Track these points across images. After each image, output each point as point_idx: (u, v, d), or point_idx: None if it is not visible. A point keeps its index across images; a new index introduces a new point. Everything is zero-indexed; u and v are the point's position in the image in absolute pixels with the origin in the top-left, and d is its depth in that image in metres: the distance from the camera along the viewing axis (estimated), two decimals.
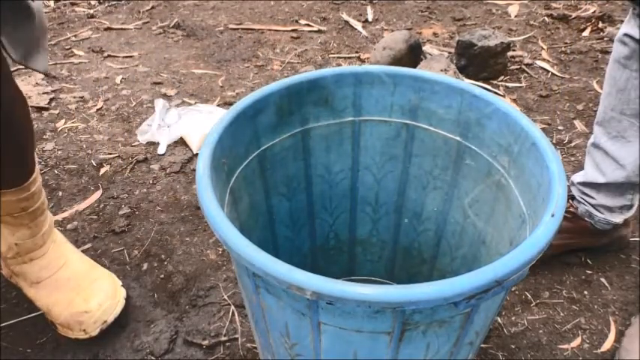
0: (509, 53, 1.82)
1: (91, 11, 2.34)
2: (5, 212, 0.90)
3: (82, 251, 1.10)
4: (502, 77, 1.78)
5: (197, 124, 1.50)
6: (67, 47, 2.03)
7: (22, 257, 0.97)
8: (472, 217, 0.82)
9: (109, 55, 1.97)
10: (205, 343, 0.97)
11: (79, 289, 0.97)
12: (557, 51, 1.92)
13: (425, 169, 0.86)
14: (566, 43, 1.97)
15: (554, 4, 2.25)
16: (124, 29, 2.17)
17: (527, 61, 1.86)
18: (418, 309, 0.51)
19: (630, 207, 1.05)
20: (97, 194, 1.32)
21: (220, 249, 1.17)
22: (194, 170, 1.37)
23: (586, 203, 1.06)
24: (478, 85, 1.58)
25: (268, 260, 0.51)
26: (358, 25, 2.14)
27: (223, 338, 0.98)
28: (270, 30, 2.14)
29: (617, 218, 1.05)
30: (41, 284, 0.98)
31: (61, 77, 1.83)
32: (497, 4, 2.27)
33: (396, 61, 1.71)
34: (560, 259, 1.12)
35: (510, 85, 1.74)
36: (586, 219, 1.07)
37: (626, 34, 0.91)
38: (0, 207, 0.89)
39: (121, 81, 1.81)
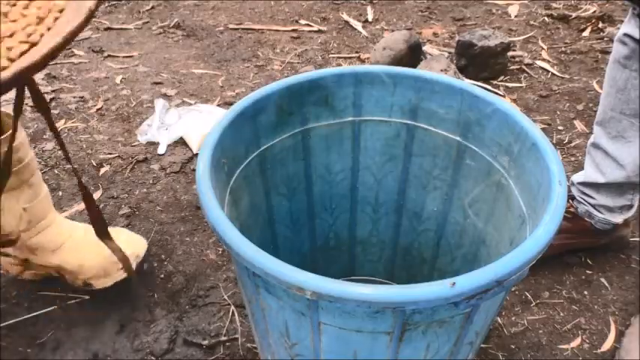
0: (509, 53, 1.82)
1: None
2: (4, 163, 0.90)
3: None
4: (502, 77, 1.78)
5: (197, 124, 1.50)
6: (67, 47, 2.03)
7: (36, 227, 0.98)
8: (472, 217, 0.82)
9: (109, 55, 1.97)
10: (205, 343, 0.97)
11: (116, 232, 1.02)
12: (557, 51, 1.92)
13: (425, 169, 0.86)
14: (566, 43, 1.97)
15: (554, 4, 2.25)
16: (124, 29, 2.17)
17: (527, 61, 1.86)
18: (418, 309, 0.51)
19: (630, 207, 1.05)
20: (97, 194, 1.32)
21: (220, 249, 1.17)
22: (194, 170, 1.37)
23: (586, 203, 1.06)
24: (478, 85, 1.58)
25: (268, 260, 0.51)
26: (358, 25, 2.14)
27: (223, 338, 0.98)
28: (270, 30, 2.14)
29: (617, 218, 1.05)
30: (62, 248, 1.01)
31: (61, 77, 1.83)
32: (497, 4, 2.27)
33: (396, 61, 1.71)
34: (560, 259, 1.12)
35: (510, 85, 1.74)
36: (586, 219, 1.07)
37: (626, 34, 0.91)
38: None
39: (121, 81, 1.81)
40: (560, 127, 1.54)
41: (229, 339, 0.98)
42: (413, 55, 1.75)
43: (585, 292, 1.07)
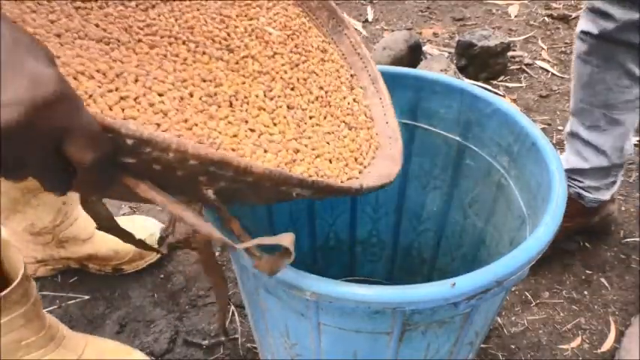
0: (509, 53, 1.82)
1: None
2: None
3: None
4: (502, 77, 1.78)
5: None
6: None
7: (69, 219, 0.99)
8: (472, 217, 0.82)
9: None
10: (205, 343, 0.97)
11: (129, 221, 1.06)
12: (557, 51, 1.92)
13: (425, 169, 0.85)
14: (566, 43, 1.96)
15: (554, 4, 2.25)
16: None
17: (527, 61, 1.86)
18: (418, 309, 0.51)
19: (615, 182, 1.09)
20: None
21: (220, 249, 1.17)
22: None
23: (575, 186, 1.09)
24: (478, 85, 1.58)
25: None
26: (358, 25, 2.14)
27: (223, 338, 0.98)
28: None
29: (606, 195, 1.09)
30: (94, 236, 1.03)
31: None
32: (497, 4, 2.27)
33: (396, 61, 1.71)
34: (560, 259, 1.13)
35: (510, 85, 1.74)
36: (578, 201, 1.09)
37: (582, 32, 0.93)
38: None
39: None
40: (560, 127, 1.54)
41: (229, 339, 0.98)
42: (413, 55, 1.75)
43: (585, 292, 1.07)
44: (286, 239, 0.44)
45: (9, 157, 0.32)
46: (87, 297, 1.05)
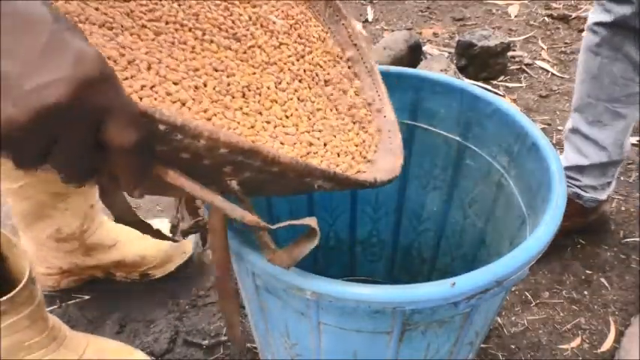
0: (509, 53, 1.82)
1: None
2: None
3: None
4: (502, 77, 1.78)
5: None
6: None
7: (95, 223, 0.97)
8: (472, 217, 0.82)
9: None
10: (205, 343, 0.97)
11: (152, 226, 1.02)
12: (557, 51, 1.92)
13: (425, 168, 0.85)
14: (566, 43, 1.96)
15: (554, 4, 2.25)
16: None
17: (527, 61, 1.86)
18: (418, 309, 0.51)
19: (610, 183, 1.11)
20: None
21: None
22: None
23: (573, 186, 1.10)
24: (478, 85, 1.58)
25: None
26: (358, 26, 2.14)
27: (223, 338, 0.98)
28: None
29: (603, 195, 1.11)
30: (120, 242, 1.00)
31: None
32: (497, 4, 2.27)
33: (396, 61, 1.71)
34: (560, 259, 1.13)
35: (510, 85, 1.74)
36: (576, 200, 1.10)
37: (595, 23, 0.96)
38: None
39: None
40: (560, 127, 1.54)
41: (229, 339, 0.98)
42: (413, 55, 1.75)
43: (585, 292, 1.07)
44: (312, 221, 0.45)
45: (41, 140, 0.31)
46: (87, 297, 1.05)
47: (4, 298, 0.71)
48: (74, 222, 0.93)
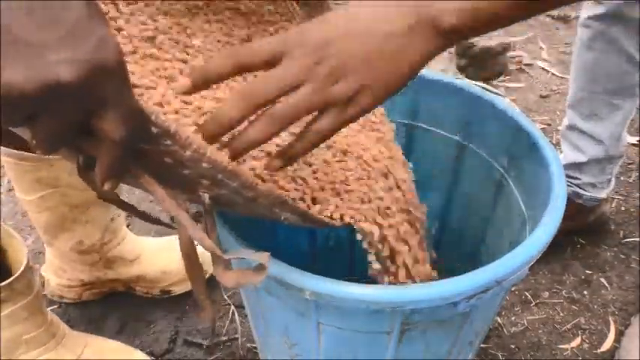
0: (509, 53, 1.82)
1: None
2: None
3: None
4: (502, 77, 1.78)
5: None
6: None
7: (117, 237, 0.96)
8: (472, 217, 0.82)
9: None
10: (205, 343, 0.97)
11: (168, 242, 1.03)
12: (557, 51, 1.92)
13: (424, 168, 0.85)
14: (566, 43, 1.96)
15: None
16: None
17: (527, 61, 1.86)
18: (417, 309, 0.51)
19: (610, 180, 1.11)
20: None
21: None
22: None
23: (572, 185, 1.09)
24: (478, 85, 1.58)
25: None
26: None
27: (223, 338, 0.98)
28: None
29: (602, 193, 1.10)
30: (141, 257, 1.00)
31: None
32: None
33: None
34: (560, 260, 1.13)
35: (510, 85, 1.74)
36: (576, 200, 1.10)
37: (588, 17, 0.96)
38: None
39: None
40: (560, 127, 1.54)
41: (229, 339, 0.98)
42: None
43: (585, 292, 1.07)
44: (264, 257, 0.45)
45: (33, 110, 0.31)
46: None
47: (4, 283, 0.71)
48: (95, 234, 0.93)
